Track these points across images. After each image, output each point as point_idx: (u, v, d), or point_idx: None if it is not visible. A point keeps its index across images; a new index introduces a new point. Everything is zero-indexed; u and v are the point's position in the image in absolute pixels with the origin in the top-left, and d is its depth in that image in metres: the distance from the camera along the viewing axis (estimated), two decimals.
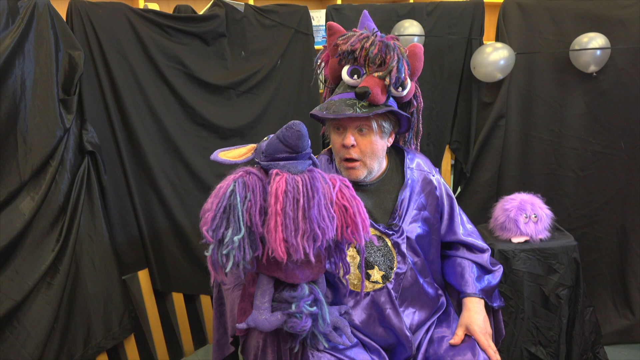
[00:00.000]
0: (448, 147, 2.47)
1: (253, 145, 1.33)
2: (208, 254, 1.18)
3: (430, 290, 1.55)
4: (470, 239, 1.60)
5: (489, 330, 1.49)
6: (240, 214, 1.16)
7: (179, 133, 2.13)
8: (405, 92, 1.45)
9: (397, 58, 1.38)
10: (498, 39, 2.32)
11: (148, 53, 2.03)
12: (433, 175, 1.58)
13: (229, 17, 2.16)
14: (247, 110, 2.24)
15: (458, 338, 1.46)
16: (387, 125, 1.45)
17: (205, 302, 2.38)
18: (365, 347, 1.48)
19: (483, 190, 2.41)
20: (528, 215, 1.99)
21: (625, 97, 2.25)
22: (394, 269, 1.46)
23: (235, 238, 1.15)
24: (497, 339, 1.61)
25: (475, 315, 1.49)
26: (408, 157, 1.57)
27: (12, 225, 1.74)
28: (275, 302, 1.30)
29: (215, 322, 1.61)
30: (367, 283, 1.45)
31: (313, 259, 1.22)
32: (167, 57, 2.06)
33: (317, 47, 2.30)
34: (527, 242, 2.01)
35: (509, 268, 1.97)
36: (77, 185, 1.87)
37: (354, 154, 1.44)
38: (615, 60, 2.21)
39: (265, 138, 1.28)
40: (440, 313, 1.58)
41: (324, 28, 1.52)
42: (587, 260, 2.33)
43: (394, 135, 1.53)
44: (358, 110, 1.36)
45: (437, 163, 2.45)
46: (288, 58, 2.27)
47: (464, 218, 1.65)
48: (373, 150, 1.44)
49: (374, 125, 1.42)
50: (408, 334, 1.46)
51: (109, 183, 2.00)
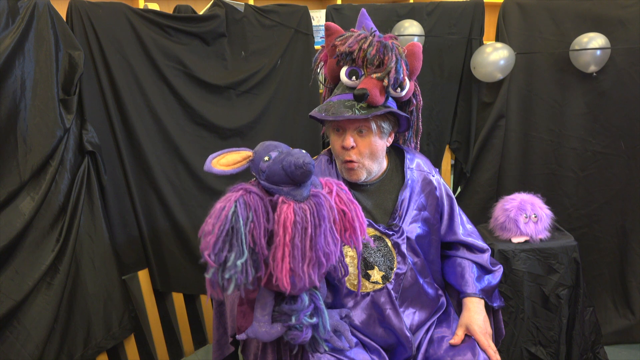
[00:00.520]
0: (448, 147, 2.47)
1: (248, 153, 1.27)
2: (208, 277, 1.13)
3: (431, 291, 1.55)
4: (470, 239, 1.60)
5: (489, 330, 1.49)
6: (243, 237, 1.12)
7: (179, 133, 2.14)
8: (404, 92, 1.45)
9: (395, 59, 1.36)
10: (498, 39, 2.32)
11: (148, 53, 2.03)
12: (433, 176, 1.58)
13: (229, 17, 2.16)
14: (247, 110, 2.24)
15: (458, 338, 1.46)
16: (386, 126, 1.44)
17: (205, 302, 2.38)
18: (365, 347, 1.48)
19: (483, 190, 2.40)
20: (528, 215, 1.99)
21: (625, 97, 2.25)
22: (394, 270, 1.46)
23: (239, 262, 1.12)
24: (497, 339, 1.61)
25: (476, 315, 1.48)
26: (408, 157, 1.57)
27: (12, 225, 1.75)
28: (276, 313, 1.29)
29: (215, 322, 1.61)
30: (367, 283, 1.45)
31: (318, 284, 1.20)
32: (167, 57, 2.06)
33: (317, 47, 2.30)
34: (527, 242, 2.01)
35: (509, 268, 1.97)
36: (77, 185, 1.87)
37: (354, 156, 1.43)
38: (615, 60, 2.21)
39: (267, 158, 1.21)
40: (441, 313, 1.58)
41: (324, 28, 1.52)
42: (587, 260, 2.33)
43: (394, 135, 1.53)
44: (357, 112, 1.36)
45: (437, 163, 2.45)
46: (288, 58, 2.27)
47: (464, 218, 1.65)
48: (373, 151, 1.44)
49: (373, 127, 1.41)
50: (408, 335, 1.46)
51: (109, 183, 2.01)
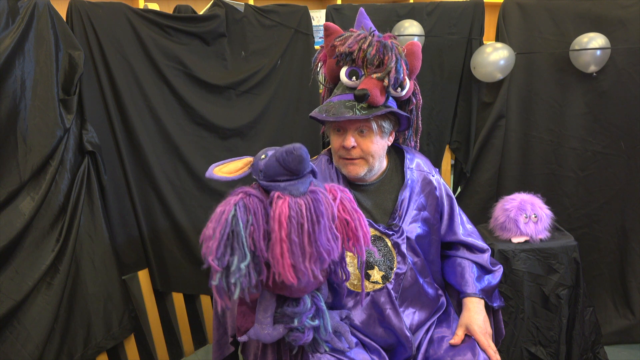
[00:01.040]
0: (448, 147, 2.47)
1: (249, 159, 1.29)
2: (215, 283, 1.13)
3: (430, 291, 1.55)
4: (470, 239, 1.60)
5: (489, 330, 1.49)
6: (244, 240, 1.12)
7: (179, 133, 2.13)
8: (404, 92, 1.45)
9: (395, 58, 1.36)
10: (498, 39, 2.32)
11: (148, 53, 2.02)
12: (433, 176, 1.58)
13: (229, 17, 2.15)
14: (247, 110, 2.24)
15: (458, 338, 1.46)
16: (386, 125, 1.45)
17: (205, 302, 2.38)
18: (365, 347, 1.48)
19: (483, 190, 2.40)
20: (528, 215, 1.99)
21: (625, 97, 2.25)
22: (394, 269, 1.46)
23: (242, 265, 1.11)
24: (497, 339, 1.61)
25: (476, 315, 1.49)
26: (408, 157, 1.57)
27: (12, 225, 1.74)
28: (278, 315, 1.29)
29: (215, 322, 1.61)
30: (367, 283, 1.45)
31: (322, 279, 1.19)
32: (167, 57, 2.06)
33: (317, 47, 2.30)
34: (527, 242, 2.01)
35: (509, 268, 1.97)
36: (77, 185, 1.87)
37: (355, 155, 1.44)
38: (615, 60, 2.21)
39: (263, 156, 1.23)
40: (441, 313, 1.58)
41: (323, 28, 1.52)
42: (587, 260, 2.33)
43: (394, 134, 1.53)
44: (357, 112, 1.36)
45: (437, 163, 2.45)
46: (288, 58, 2.27)
47: (464, 218, 1.65)
48: (374, 151, 1.44)
49: (374, 126, 1.41)
50: (408, 334, 1.46)
51: (109, 183, 2.00)
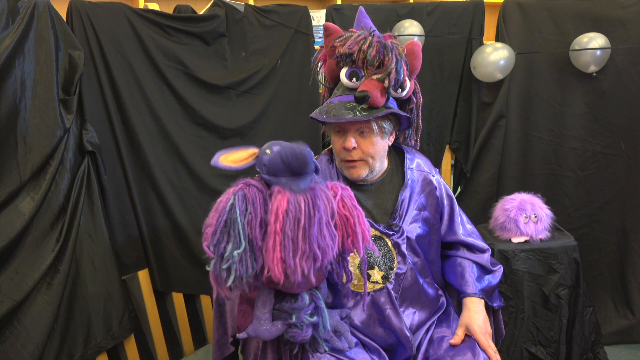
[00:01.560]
0: (448, 147, 2.47)
1: (255, 151, 1.29)
2: (210, 269, 1.16)
3: (430, 291, 1.55)
4: (471, 239, 1.60)
5: (489, 330, 1.49)
6: (241, 228, 1.14)
7: (179, 133, 2.13)
8: (405, 92, 1.45)
9: (395, 59, 1.36)
10: (498, 39, 2.32)
11: (148, 53, 2.03)
12: (433, 176, 1.58)
13: (229, 17, 2.16)
14: (247, 110, 2.24)
15: (458, 338, 1.46)
16: (387, 126, 1.44)
17: (205, 302, 2.38)
18: (365, 347, 1.48)
19: (483, 190, 2.40)
20: (528, 215, 1.99)
21: (625, 97, 2.25)
22: (394, 269, 1.46)
23: (236, 252, 1.13)
24: (497, 339, 1.61)
25: (476, 315, 1.48)
26: (408, 157, 1.57)
27: (12, 225, 1.74)
28: (276, 311, 1.29)
29: (215, 322, 1.61)
30: (367, 283, 1.45)
31: (313, 280, 1.20)
32: (167, 57, 2.06)
33: (317, 47, 2.30)
34: (527, 242, 2.01)
35: (509, 268, 1.97)
36: (77, 185, 1.87)
37: (355, 156, 1.43)
38: (615, 60, 2.21)
39: (268, 151, 1.23)
40: (441, 313, 1.58)
41: (323, 28, 1.52)
42: (587, 260, 2.33)
43: (395, 134, 1.53)
44: (358, 114, 1.36)
45: (437, 163, 2.45)
46: (288, 58, 2.27)
47: (464, 218, 1.65)
48: (375, 151, 1.44)
49: (375, 127, 1.41)
50: (408, 334, 1.46)
51: (109, 183, 2.00)
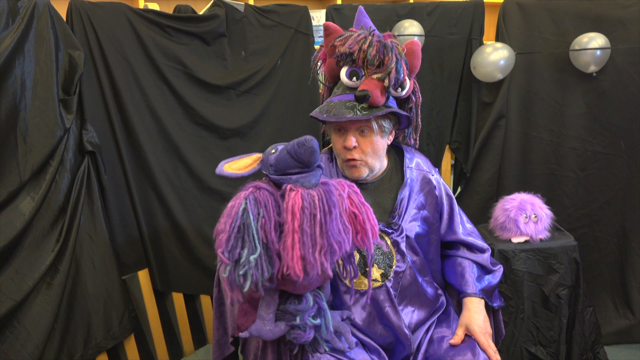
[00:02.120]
0: (448, 147, 2.47)
1: (258, 155, 1.30)
2: (225, 276, 1.14)
3: (430, 290, 1.55)
4: (470, 239, 1.61)
5: (489, 330, 1.49)
6: (255, 232, 1.13)
7: (179, 133, 2.13)
8: (404, 92, 1.45)
9: (395, 59, 1.36)
10: (498, 39, 2.32)
11: (148, 53, 2.03)
12: (432, 175, 1.58)
13: (229, 17, 2.16)
14: (247, 110, 2.24)
15: (458, 338, 1.46)
16: (387, 124, 1.45)
17: (205, 302, 2.38)
18: (365, 347, 1.49)
19: (483, 190, 2.41)
20: (528, 215, 1.99)
21: (625, 97, 2.25)
22: (393, 267, 1.46)
23: (252, 257, 1.12)
24: (497, 339, 1.61)
25: (476, 315, 1.49)
26: (407, 156, 1.57)
27: (12, 225, 1.74)
28: (280, 312, 1.29)
29: (215, 322, 1.61)
30: (365, 281, 1.45)
31: (331, 274, 1.19)
32: (167, 57, 2.06)
33: (317, 47, 2.30)
34: (527, 242, 2.01)
35: (509, 268, 1.97)
36: (77, 185, 1.87)
37: (356, 155, 1.44)
38: (615, 60, 2.21)
39: (273, 150, 1.24)
40: (440, 313, 1.58)
41: (323, 28, 1.52)
42: (587, 260, 2.33)
43: (394, 133, 1.53)
44: (358, 113, 1.36)
45: (437, 163, 2.45)
46: (288, 58, 2.27)
47: (464, 218, 1.65)
48: (375, 150, 1.45)
49: (375, 126, 1.42)
50: (407, 332, 1.47)
51: (109, 183, 2.00)
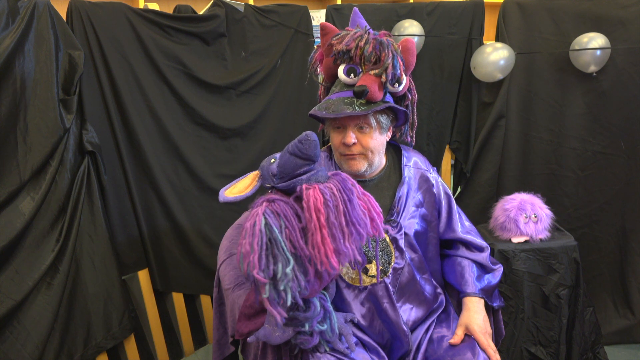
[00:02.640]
0: (448, 147, 2.47)
1: (255, 173, 1.30)
2: (266, 296, 1.12)
3: (428, 288, 1.55)
4: (469, 237, 1.61)
5: (489, 330, 1.49)
6: (283, 244, 1.12)
7: (179, 133, 2.14)
8: (401, 87, 1.47)
9: (391, 55, 1.39)
10: (498, 39, 2.32)
11: (148, 53, 2.03)
12: (430, 173, 1.59)
13: (229, 17, 2.16)
14: (247, 110, 2.24)
15: (458, 338, 1.46)
16: (385, 121, 1.46)
17: (205, 302, 2.38)
18: (365, 346, 1.49)
19: (483, 190, 2.40)
20: (528, 215, 1.99)
21: (625, 97, 2.25)
22: (392, 264, 1.47)
23: (288, 270, 1.11)
24: (497, 339, 1.61)
25: (475, 315, 1.49)
26: (405, 155, 1.58)
27: (12, 225, 1.75)
28: (288, 318, 1.29)
29: (215, 322, 1.61)
30: (365, 277, 1.46)
31: (360, 258, 1.18)
32: (167, 57, 2.06)
33: (316, 47, 2.30)
34: (527, 242, 2.01)
35: (509, 268, 1.97)
36: (77, 185, 1.87)
37: (355, 151, 1.45)
38: (615, 60, 2.21)
39: (272, 160, 1.24)
40: (440, 312, 1.58)
41: (320, 28, 1.54)
42: (587, 260, 2.33)
43: (392, 130, 1.54)
44: (357, 108, 1.37)
45: (437, 163, 2.45)
46: (288, 58, 2.27)
47: (462, 216, 1.66)
48: (374, 146, 1.46)
49: (373, 122, 1.43)
50: (405, 329, 1.47)
51: (109, 183, 2.01)
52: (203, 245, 2.23)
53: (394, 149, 1.62)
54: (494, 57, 2.18)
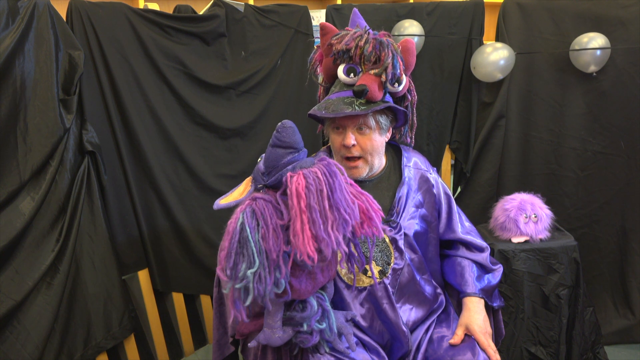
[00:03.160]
0: (448, 147, 2.47)
1: (248, 178, 1.30)
2: (225, 292, 1.13)
3: (428, 288, 1.55)
4: (469, 237, 1.61)
5: (489, 330, 1.49)
6: (253, 246, 1.11)
7: (179, 133, 2.14)
8: (401, 87, 1.47)
9: (391, 55, 1.39)
10: (498, 39, 2.32)
11: (148, 53, 2.03)
12: (430, 174, 1.59)
13: (229, 17, 2.16)
14: (247, 110, 2.24)
15: (458, 338, 1.46)
16: (384, 121, 1.46)
17: (205, 302, 2.38)
18: (365, 346, 1.49)
19: (483, 190, 2.40)
20: (528, 215, 1.99)
21: (625, 97, 2.25)
22: (391, 265, 1.47)
23: (249, 272, 1.10)
24: (497, 339, 1.61)
25: (475, 315, 1.49)
26: (405, 155, 1.58)
27: (12, 225, 1.75)
28: (285, 318, 1.30)
29: (215, 322, 1.61)
30: (364, 278, 1.46)
31: (345, 248, 1.15)
32: (167, 57, 2.06)
33: (316, 47, 2.30)
34: (527, 242, 2.01)
35: (509, 268, 1.97)
36: (77, 185, 1.87)
37: (355, 152, 1.45)
38: (615, 60, 2.21)
39: (259, 159, 1.26)
40: (440, 312, 1.58)
41: (319, 28, 1.54)
42: (587, 260, 2.33)
43: (392, 130, 1.54)
44: (357, 108, 1.37)
45: (437, 163, 2.45)
46: (288, 58, 2.27)
47: (462, 216, 1.66)
48: (374, 147, 1.45)
49: (372, 123, 1.43)
50: (404, 329, 1.47)
51: (109, 183, 2.01)
52: (203, 245, 2.23)
53: (394, 149, 1.62)
54: (494, 57, 2.18)
